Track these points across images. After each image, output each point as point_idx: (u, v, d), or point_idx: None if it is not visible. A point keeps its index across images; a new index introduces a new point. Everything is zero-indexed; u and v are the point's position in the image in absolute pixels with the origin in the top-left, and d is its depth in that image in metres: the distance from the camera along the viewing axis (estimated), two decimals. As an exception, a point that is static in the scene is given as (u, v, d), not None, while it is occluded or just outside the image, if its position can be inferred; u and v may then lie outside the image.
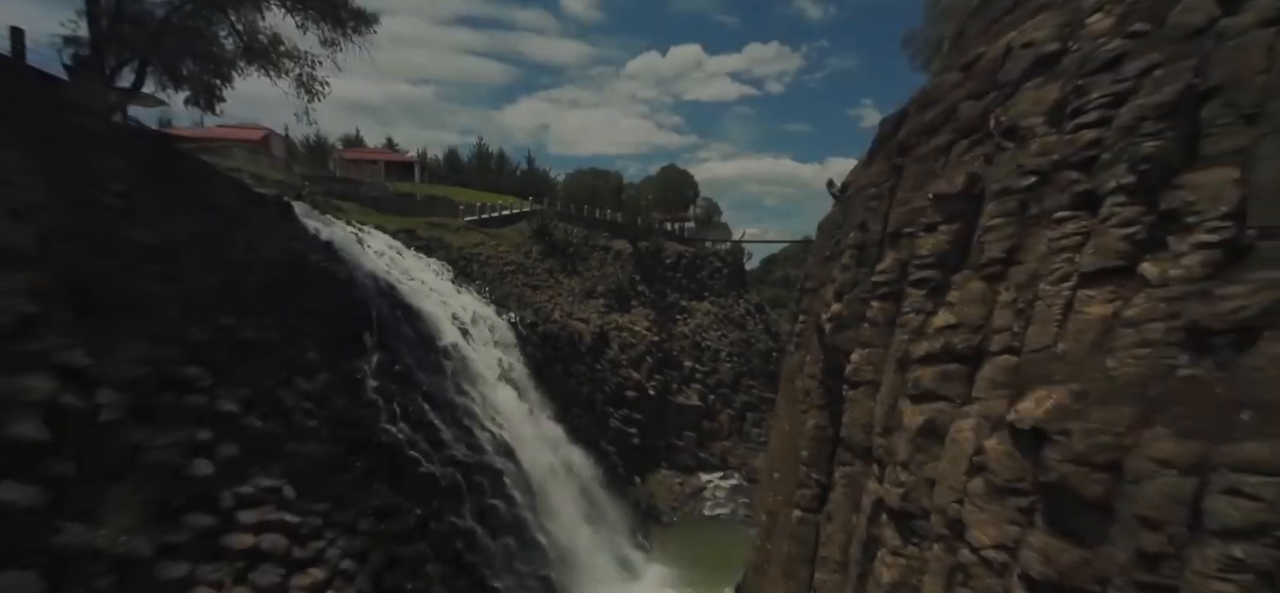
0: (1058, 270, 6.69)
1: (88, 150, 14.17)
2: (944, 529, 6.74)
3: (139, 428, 10.99)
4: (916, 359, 7.98)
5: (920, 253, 8.93)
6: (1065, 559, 5.27)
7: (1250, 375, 4.68)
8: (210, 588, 10.97)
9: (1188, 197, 5.65)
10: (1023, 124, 8.23)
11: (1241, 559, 4.14)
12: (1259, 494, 4.15)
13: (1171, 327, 5.38)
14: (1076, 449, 5.30)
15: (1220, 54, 5.86)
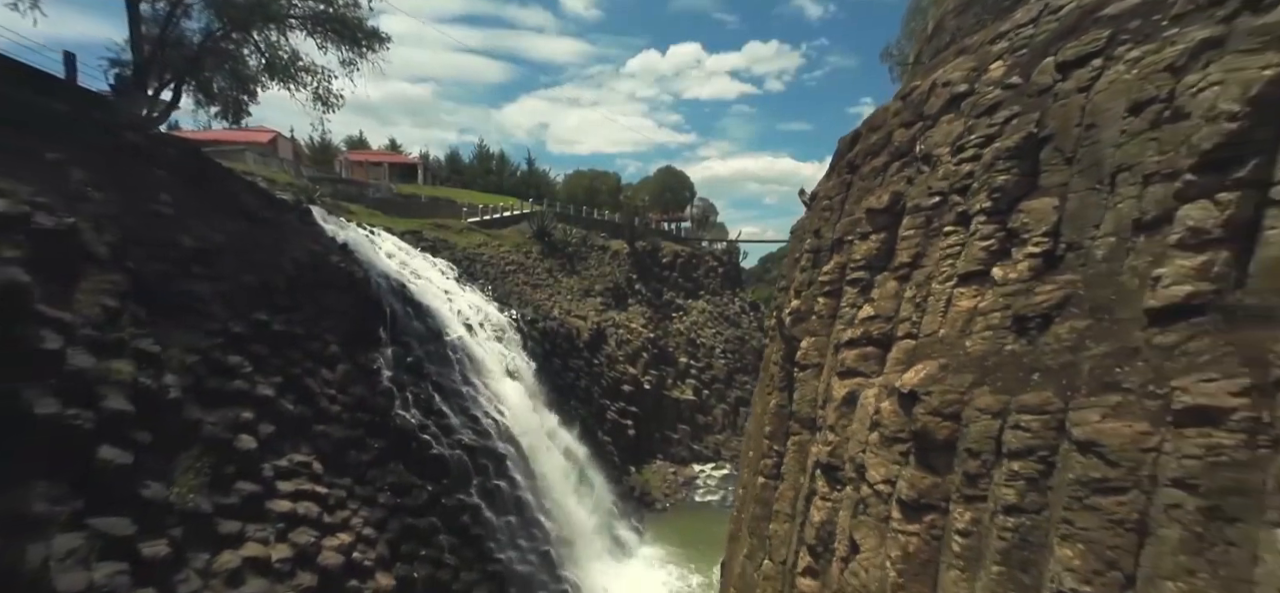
0: (944, 273, 8.69)
1: (137, 163, 16.25)
2: (853, 473, 8.70)
3: (196, 407, 13.00)
4: (844, 344, 9.96)
5: (855, 257, 10.92)
6: (924, 484, 7.24)
7: (1042, 348, 6.68)
8: (258, 543, 12.97)
9: (1025, 219, 7.64)
10: (935, 152, 10.22)
11: (1017, 472, 6.13)
12: (1029, 427, 6.13)
13: (1005, 315, 7.37)
14: (933, 405, 7.29)
15: (1053, 110, 7.86)
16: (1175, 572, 4.71)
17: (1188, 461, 4.79)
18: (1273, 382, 4.62)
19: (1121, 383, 5.65)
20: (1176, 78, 6.28)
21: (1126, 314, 6.09)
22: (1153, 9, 7.25)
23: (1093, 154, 7.12)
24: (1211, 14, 6.36)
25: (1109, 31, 7.54)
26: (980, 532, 6.52)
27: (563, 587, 21.68)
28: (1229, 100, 5.47)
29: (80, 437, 9.88)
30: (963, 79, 10.56)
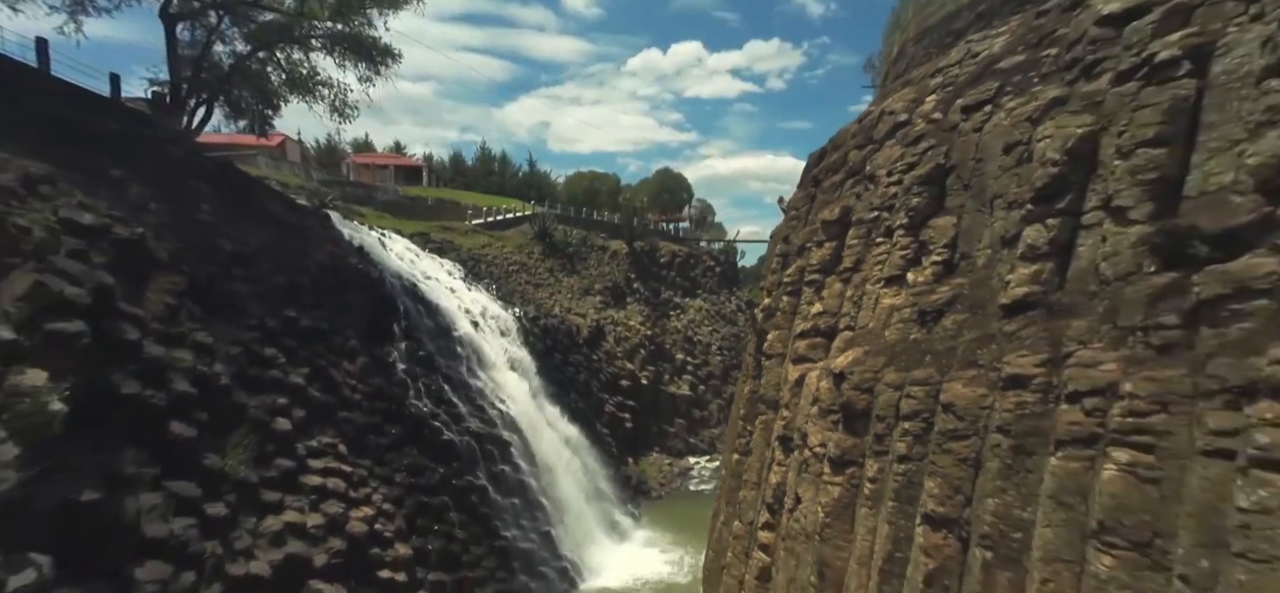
0: (875, 276, 10.65)
1: (180, 175, 18.29)
2: (800, 441, 10.64)
3: (242, 392, 15.01)
4: (798, 335, 11.92)
5: (811, 262, 12.89)
6: (846, 444, 9.19)
7: (934, 336, 8.65)
8: (295, 511, 14.98)
9: (931, 233, 9.61)
10: (878, 173, 12.18)
11: (908, 430, 8.09)
12: (916, 396, 8.09)
13: (913, 311, 9.34)
14: (855, 382, 9.25)
15: (957, 144, 9.82)
16: (994, 491, 6.67)
17: (1005, 414, 6.76)
18: (1062, 357, 6.59)
19: (979, 361, 7.61)
20: (1033, 127, 8.24)
21: (990, 309, 8.06)
22: (1031, 67, 9.22)
23: (980, 183, 9.08)
24: (1063, 77, 8.33)
25: (998, 83, 9.51)
26: (882, 478, 8.49)
27: (562, 564, 23.66)
28: (1053, 149, 7.44)
29: (155, 413, 11.91)
30: (903, 109, 12.52)
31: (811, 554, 9.31)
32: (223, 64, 21.06)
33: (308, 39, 22.63)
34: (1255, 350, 4.88)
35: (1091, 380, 6.03)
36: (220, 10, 20.87)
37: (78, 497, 9.46)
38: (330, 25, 23.03)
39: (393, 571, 16.77)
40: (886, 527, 8.06)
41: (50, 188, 12.11)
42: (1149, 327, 5.91)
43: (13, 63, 17.30)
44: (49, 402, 9.30)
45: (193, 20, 20.94)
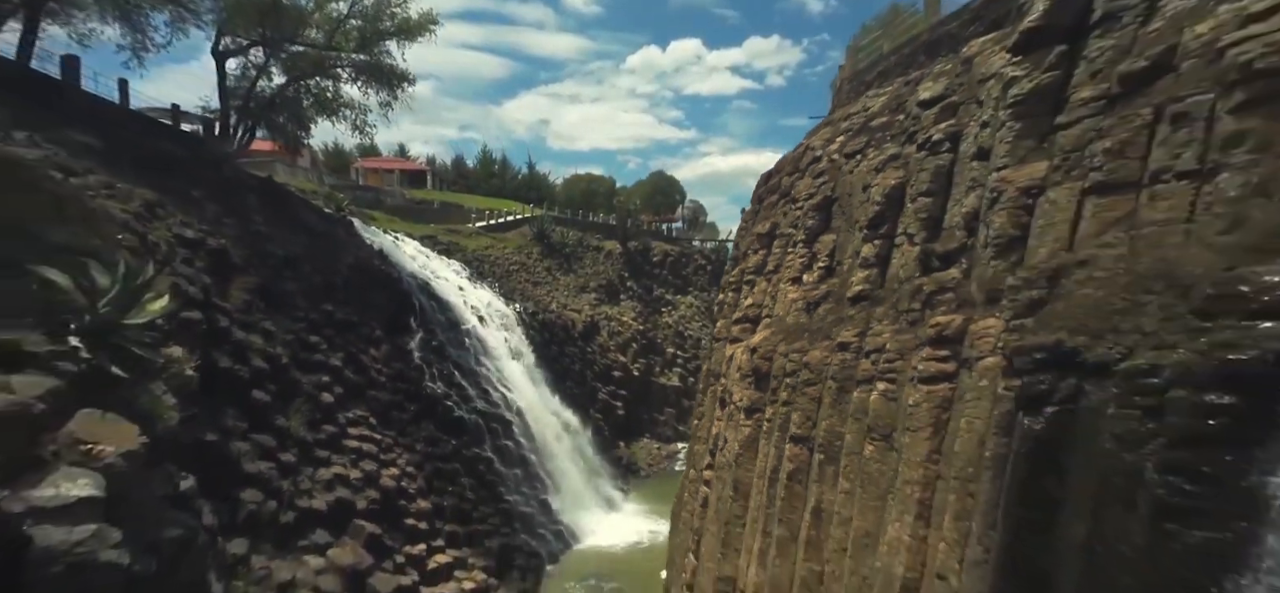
0: (785, 276, 14.59)
1: (235, 191, 22.28)
2: (728, 399, 14.55)
3: (297, 370, 18.97)
4: (734, 322, 15.86)
5: (748, 266, 16.82)
6: (754, 397, 13.12)
7: (814, 320, 12.59)
8: (340, 466, 18.94)
9: (818, 247, 13.55)
10: (797, 197, 16.08)
11: (789, 383, 12.01)
12: (795, 360, 12.01)
13: (803, 302, 13.27)
14: (762, 353, 13.17)
15: (841, 181, 13.74)
16: (826, 416, 10.62)
17: (834, 365, 10.70)
18: (867, 330, 10.52)
19: (830, 335, 11.54)
20: (876, 175, 12.16)
21: (844, 301, 11.99)
22: (888, 127, 13.14)
23: (849, 212, 13.01)
24: (898, 140, 12.25)
25: (867, 137, 13.43)
26: (775, 418, 12.42)
27: (558, 527, 27.67)
28: (878, 193, 11.37)
29: (242, 383, 15.91)
30: (820, 146, 16.42)
31: (730, 477, 13.26)
32: (265, 93, 25.00)
33: (335, 68, 26.59)
34: (942, 322, 8.81)
35: (876, 343, 9.95)
36: (263, 47, 24.81)
37: (204, 438, 13.47)
38: (355, 56, 26.99)
39: (416, 520, 20.77)
40: (773, 450, 11.99)
41: (162, 210, 16.07)
42: (908, 310, 9.82)
43: (105, 102, 21.29)
44: (184, 368, 13.23)
45: (240, 55, 24.88)
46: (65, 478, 6.30)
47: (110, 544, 6.22)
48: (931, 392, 8.33)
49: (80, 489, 6.21)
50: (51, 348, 7.55)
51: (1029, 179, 7.89)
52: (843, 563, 9.53)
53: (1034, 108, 8.18)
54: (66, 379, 7.31)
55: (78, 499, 6.12)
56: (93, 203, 13.47)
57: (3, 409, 6.15)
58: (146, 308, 9.09)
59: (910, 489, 8.28)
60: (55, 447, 6.60)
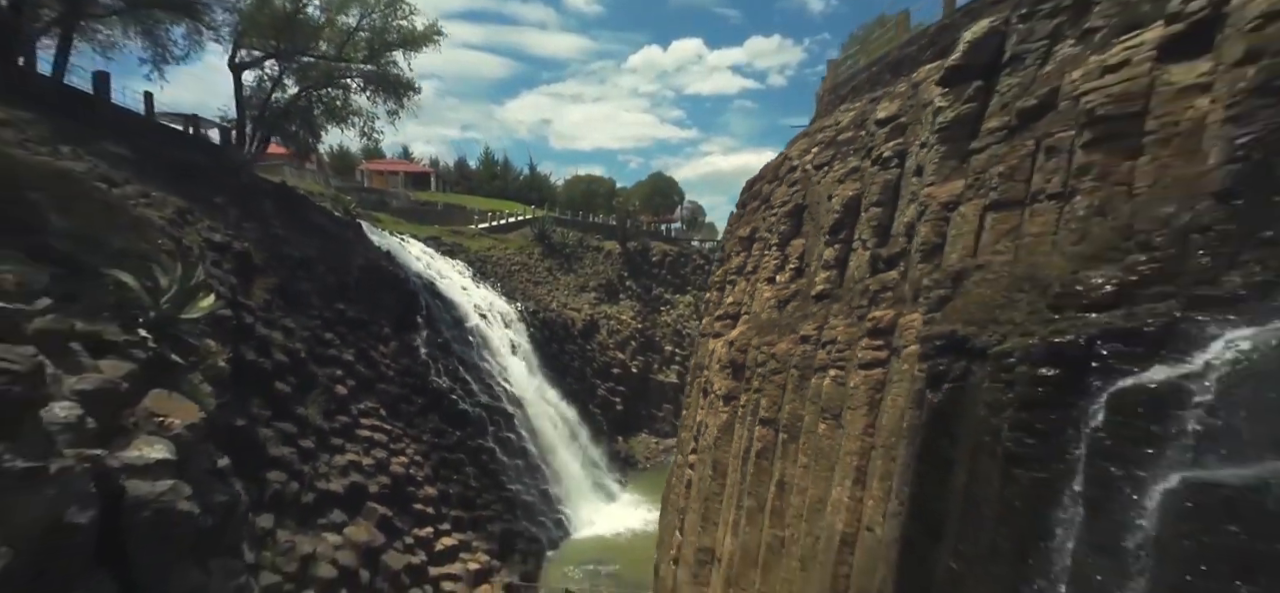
0: (761, 277, 16.07)
1: (253, 197, 23.82)
2: (710, 389, 16.01)
3: (313, 364, 20.50)
4: (716, 318, 17.34)
5: (731, 266, 18.30)
6: (731, 386, 14.59)
7: (784, 316, 14.06)
8: (354, 453, 20.46)
9: (789, 250, 15.02)
10: (774, 203, 17.54)
11: (761, 374, 13.47)
12: (765, 352, 13.47)
13: (775, 300, 14.75)
14: (739, 346, 14.64)
15: (810, 191, 15.21)
16: (791, 399, 12.09)
17: (797, 356, 12.17)
18: (825, 324, 11.99)
19: (795, 329, 13.01)
20: (838, 185, 13.62)
21: (810, 299, 13.46)
22: (852, 142, 14.60)
23: (817, 218, 14.48)
24: (859, 154, 13.71)
25: (834, 151, 14.89)
26: (749, 404, 13.89)
27: (558, 515, 29.19)
28: (838, 203, 12.84)
29: (265, 374, 17.44)
30: (796, 156, 17.88)
31: (710, 458, 14.75)
32: (279, 103, 26.55)
33: (345, 79, 28.13)
34: (878, 317, 10.27)
35: (831, 336, 11.42)
36: (278, 60, 26.36)
37: (234, 423, 15.00)
38: (363, 67, 28.52)
39: (424, 505, 22.30)
40: (746, 432, 13.46)
41: (191, 216, 17.61)
42: (858, 307, 11.29)
43: (132, 113, 22.87)
44: (217, 360, 14.77)
45: (256, 67, 26.43)
46: (145, 443, 7.88)
47: (184, 497, 7.81)
48: (868, 376, 9.79)
49: (158, 452, 7.79)
50: (126, 338, 9.14)
51: (949, 195, 9.36)
52: (800, 527, 11.00)
53: (955, 133, 9.64)
54: (139, 364, 8.90)
55: (156, 460, 7.69)
56: (135, 211, 15.03)
57: (98, 386, 7.70)
58: (197, 305, 10.69)
59: (850, 459, 9.74)
60: (134, 418, 8.19)
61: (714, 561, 13.83)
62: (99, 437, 7.38)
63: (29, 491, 6.17)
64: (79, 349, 8.27)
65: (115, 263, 10.57)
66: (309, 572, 15.52)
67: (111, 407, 7.91)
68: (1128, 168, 6.86)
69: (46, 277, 8.86)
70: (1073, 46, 8.52)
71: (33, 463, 6.32)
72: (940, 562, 7.17)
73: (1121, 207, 6.74)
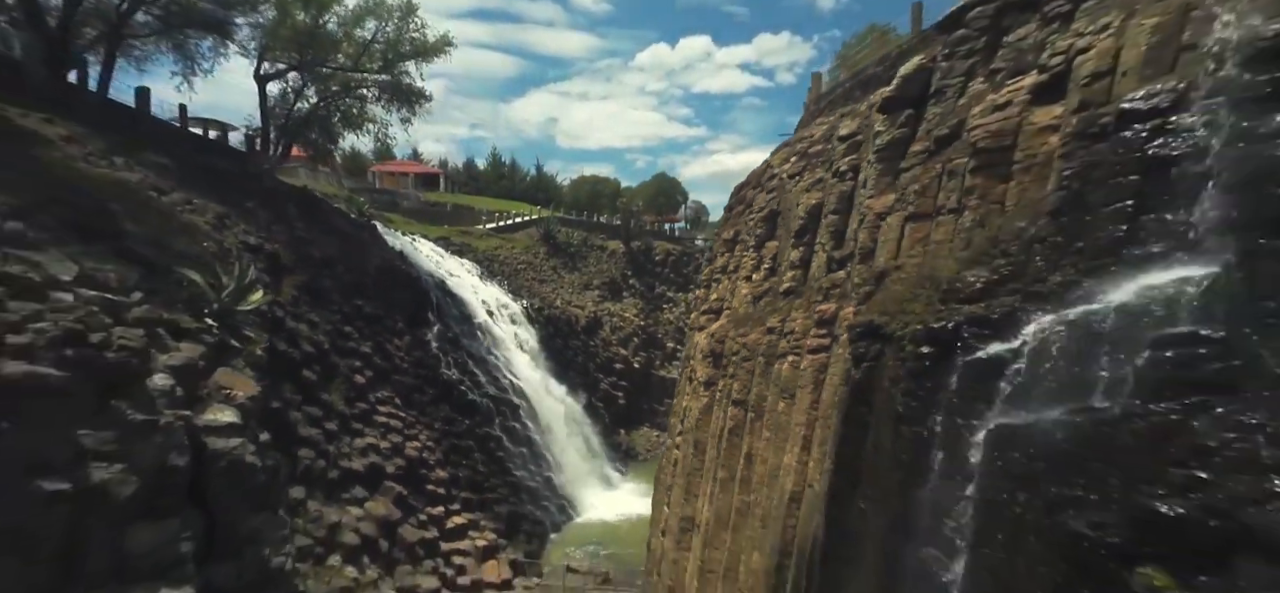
0: (741, 274, 17.90)
1: (277, 200, 25.89)
2: (693, 376, 17.84)
3: (336, 355, 22.53)
4: (701, 313, 19.17)
5: (716, 265, 20.13)
6: (711, 373, 16.42)
7: (758, 310, 15.90)
8: (372, 437, 22.46)
9: (765, 252, 16.86)
10: (754, 208, 19.35)
11: (736, 361, 15.31)
12: (738, 341, 15.29)
13: (751, 296, 16.58)
14: (717, 337, 16.47)
15: (783, 197, 17.03)
16: (758, 384, 13.93)
17: (764, 344, 14.00)
18: (788, 317, 13.82)
19: (765, 321, 14.84)
20: (806, 193, 15.43)
21: (779, 294, 15.29)
22: (821, 154, 16.40)
23: (788, 223, 16.30)
24: (824, 167, 15.51)
25: (805, 162, 16.70)
26: (725, 389, 15.72)
27: (561, 501, 31.14)
28: (803, 210, 14.67)
29: (294, 363, 19.47)
30: (778, 164, 19.68)
31: (692, 438, 16.62)
32: (300, 112, 28.64)
33: (361, 89, 30.19)
34: (824, 309, 12.08)
35: (791, 327, 13.24)
36: (299, 71, 28.43)
37: (270, 405, 17.00)
38: (378, 76, 30.55)
39: (436, 486, 24.32)
40: (722, 413, 15.31)
41: (229, 220, 19.66)
42: (814, 302, 13.10)
43: (167, 125, 25.00)
44: (256, 348, 16.78)
45: (279, 79, 28.51)
46: (218, 409, 9.90)
47: (251, 452, 9.84)
48: (815, 359, 11.59)
49: (227, 417, 9.81)
50: (196, 325, 11.19)
51: (882, 207, 11.16)
52: (762, 491, 12.83)
53: (889, 154, 11.45)
54: (207, 347, 10.94)
55: (227, 423, 9.72)
56: (183, 217, 17.08)
57: (183, 362, 9.74)
58: (249, 299, 12.72)
59: (799, 429, 11.55)
60: (207, 389, 10.23)
61: (694, 527, 15.68)
62: (186, 402, 9.43)
63: (144, 439, 8.20)
64: (164, 334, 10.30)
65: (182, 263, 12.63)
66: (335, 538, 17.52)
67: (192, 379, 9.97)
68: (1001, 190, 8.66)
69: (136, 274, 10.89)
70: (981, 84, 10.30)
71: (147, 417, 8.38)
72: (855, 505, 8.99)
73: (995, 221, 8.54)
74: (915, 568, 7.28)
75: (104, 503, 7.33)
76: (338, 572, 16.99)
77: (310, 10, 27.26)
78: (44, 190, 10.78)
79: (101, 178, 15.63)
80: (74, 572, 7.07)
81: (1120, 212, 6.74)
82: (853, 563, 8.72)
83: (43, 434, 6.92)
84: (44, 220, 9.71)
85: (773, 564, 11.42)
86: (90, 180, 14.78)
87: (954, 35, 11.02)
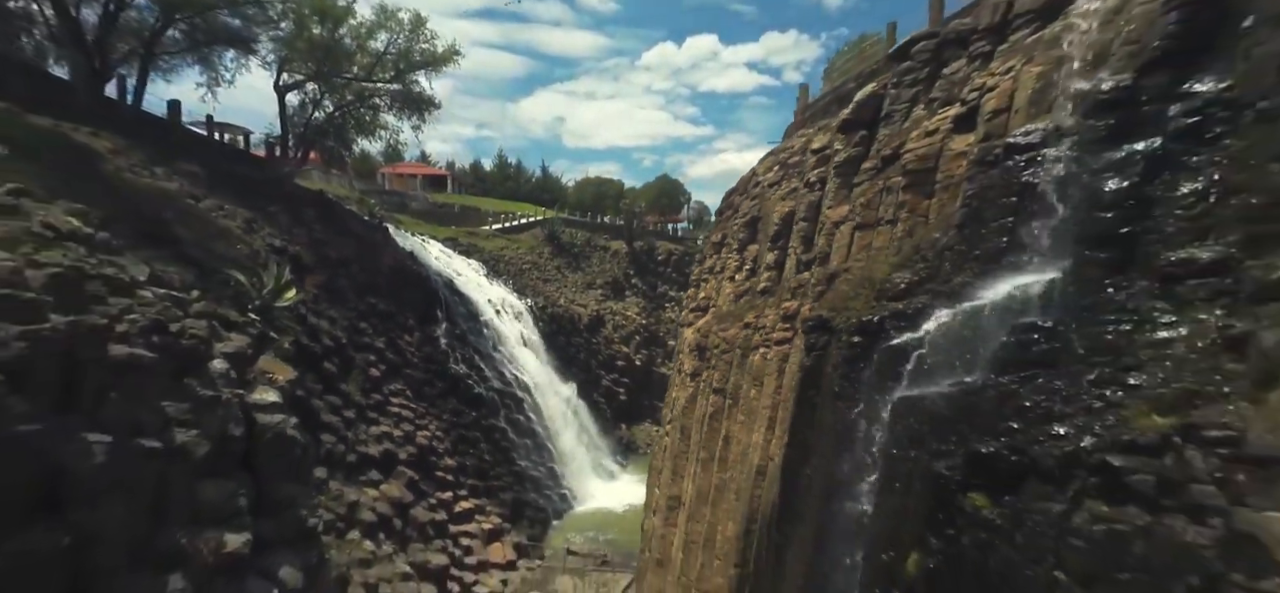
0: (725, 274, 19.57)
1: (297, 205, 27.75)
2: (681, 369, 19.51)
3: (352, 349, 24.35)
4: (691, 310, 20.85)
5: (706, 266, 21.80)
6: (696, 365, 18.09)
7: (738, 307, 17.58)
8: (386, 426, 24.27)
9: (748, 255, 18.53)
10: (740, 213, 21.00)
11: (718, 355, 16.97)
12: (718, 336, 16.95)
13: (733, 295, 18.26)
14: (703, 331, 18.14)
15: (763, 205, 18.69)
16: (736, 374, 15.60)
17: (741, 338, 15.68)
18: (762, 312, 15.49)
19: (743, 318, 16.51)
20: (782, 201, 17.08)
21: (757, 293, 16.95)
22: (796, 165, 18.04)
23: (767, 228, 17.95)
24: (798, 177, 17.15)
25: (783, 171, 18.34)
26: (708, 379, 17.40)
27: (562, 490, 32.89)
28: (777, 217, 16.34)
29: (316, 356, 21.29)
30: (762, 172, 21.33)
31: (679, 425, 18.31)
32: (318, 121, 30.51)
33: (374, 99, 32.04)
34: (787, 306, 13.73)
35: (763, 322, 14.89)
36: (316, 82, 30.29)
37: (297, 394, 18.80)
38: (390, 86, 32.38)
39: (444, 473, 26.13)
40: (705, 400, 16.99)
41: (256, 224, 21.51)
42: (784, 300, 14.75)
43: (195, 133, 26.91)
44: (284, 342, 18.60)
45: (297, 89, 30.39)
46: (263, 390, 11.68)
47: (292, 426, 11.59)
48: (779, 350, 13.25)
49: (271, 397, 11.59)
50: (242, 319, 12.99)
51: (838, 217, 12.81)
52: (736, 468, 14.49)
53: (845, 170, 13.09)
54: (252, 337, 12.73)
55: (271, 402, 11.49)
56: (219, 222, 18.92)
57: (235, 350, 11.53)
58: (284, 297, 14.50)
59: (765, 411, 13.20)
60: (253, 374, 12.01)
61: (680, 504, 17.35)
62: (238, 383, 11.21)
63: (210, 411, 10.00)
64: (217, 325, 12.11)
65: (225, 264, 14.45)
66: (354, 515, 19.32)
67: (242, 364, 11.77)
68: (926, 205, 10.29)
69: (191, 274, 12.70)
70: (922, 111, 11.94)
71: (211, 393, 10.18)
72: (804, 473, 10.66)
73: (920, 232, 10.18)
74: (842, 519, 8.95)
75: (184, 461, 9.11)
76: (357, 545, 18.78)
77: (326, 24, 29.12)
78: (115, 203, 12.60)
79: (147, 188, 17.47)
80: (161, 516, 8.85)
81: (1003, 226, 8.39)
82: (799, 521, 10.40)
83: (138, 404, 8.71)
84: (121, 229, 11.50)
85: (742, 530, 13.08)
86: (137, 190, 16.62)
87: (902, 66, 12.67)
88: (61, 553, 7.05)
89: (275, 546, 10.96)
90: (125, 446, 8.25)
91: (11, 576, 6.54)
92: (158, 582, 8.19)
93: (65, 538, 7.11)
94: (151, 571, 8.22)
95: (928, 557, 6.69)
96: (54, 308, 7.82)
